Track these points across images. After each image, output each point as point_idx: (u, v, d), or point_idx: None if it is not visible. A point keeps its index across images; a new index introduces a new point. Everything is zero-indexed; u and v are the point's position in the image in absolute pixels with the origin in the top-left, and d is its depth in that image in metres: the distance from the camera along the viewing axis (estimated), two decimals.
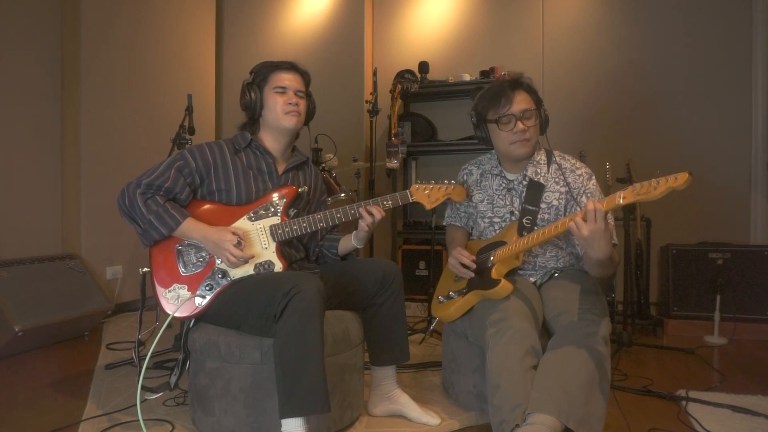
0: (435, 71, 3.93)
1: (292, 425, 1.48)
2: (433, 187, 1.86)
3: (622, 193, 1.42)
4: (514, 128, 1.82)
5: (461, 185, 1.90)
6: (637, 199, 1.39)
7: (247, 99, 1.86)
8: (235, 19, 4.48)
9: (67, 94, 3.31)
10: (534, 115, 1.84)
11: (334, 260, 2.01)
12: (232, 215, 1.79)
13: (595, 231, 1.48)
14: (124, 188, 1.73)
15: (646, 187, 1.36)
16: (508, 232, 1.87)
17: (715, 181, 3.37)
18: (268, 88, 1.86)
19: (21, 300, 2.62)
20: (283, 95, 1.85)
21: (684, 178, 1.30)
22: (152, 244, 1.75)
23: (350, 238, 1.93)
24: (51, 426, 1.80)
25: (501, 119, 1.83)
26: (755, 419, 1.85)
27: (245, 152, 1.87)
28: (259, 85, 1.87)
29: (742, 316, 2.92)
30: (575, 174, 1.89)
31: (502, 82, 1.88)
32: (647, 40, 3.54)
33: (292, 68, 1.90)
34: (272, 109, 1.85)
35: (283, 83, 1.85)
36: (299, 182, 1.95)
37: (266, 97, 1.86)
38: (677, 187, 1.31)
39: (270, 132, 1.90)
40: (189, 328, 1.79)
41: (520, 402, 1.45)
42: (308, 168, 2.03)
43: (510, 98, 1.82)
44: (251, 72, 1.91)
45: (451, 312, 1.92)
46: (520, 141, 1.83)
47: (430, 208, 1.87)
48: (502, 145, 1.89)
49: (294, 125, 1.86)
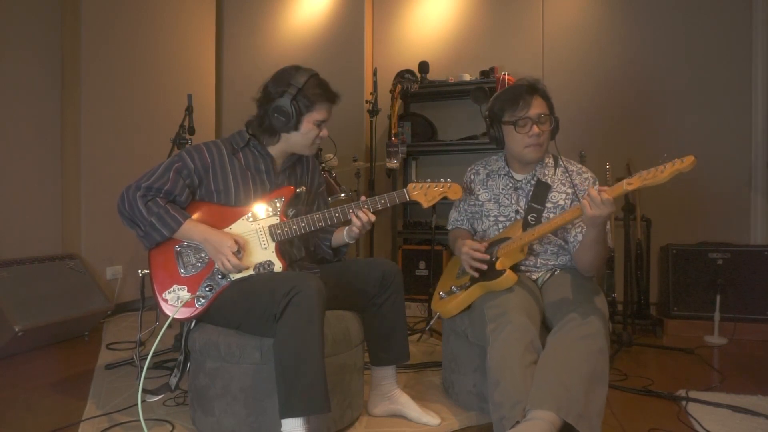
0: (435, 71, 3.93)
1: (292, 425, 1.48)
2: (429, 185, 1.85)
3: (628, 179, 1.47)
4: (529, 131, 1.85)
5: (458, 183, 1.89)
6: (644, 184, 1.44)
7: (288, 116, 1.74)
8: (235, 19, 4.48)
9: (67, 94, 3.31)
10: (549, 121, 1.89)
11: (326, 252, 2.02)
12: (232, 216, 1.79)
13: (602, 212, 1.53)
14: (124, 192, 1.73)
15: (653, 173, 1.41)
16: (513, 229, 1.89)
17: (715, 181, 3.38)
18: (310, 116, 1.77)
19: (21, 300, 2.61)
20: (319, 128, 1.81)
21: (690, 161, 1.35)
22: (154, 246, 1.75)
23: (343, 231, 1.93)
24: (51, 426, 1.80)
25: (518, 122, 1.87)
26: (755, 419, 1.85)
27: (243, 152, 1.85)
28: (301, 103, 1.75)
29: (742, 316, 2.92)
30: (582, 177, 1.95)
31: (521, 86, 1.91)
32: (647, 40, 3.54)
33: (335, 102, 1.84)
34: (304, 136, 1.80)
35: (325, 117, 1.80)
36: (297, 178, 1.95)
37: (304, 122, 1.77)
38: (683, 170, 1.36)
39: (286, 147, 1.86)
40: (189, 330, 1.79)
41: (520, 399, 1.46)
42: (306, 160, 2.00)
43: (528, 102, 1.86)
44: (294, 82, 1.74)
45: (452, 307, 1.92)
46: (534, 145, 1.87)
47: (427, 206, 1.86)
48: (516, 148, 1.91)
49: (312, 154, 1.92)
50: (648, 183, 1.42)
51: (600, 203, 1.52)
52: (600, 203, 1.52)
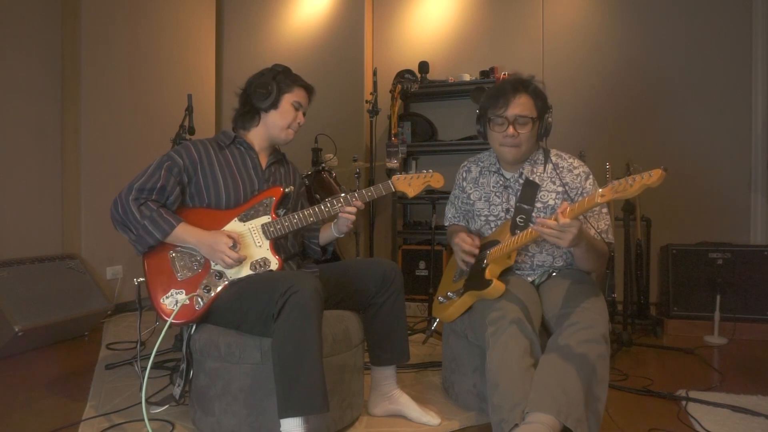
0: (435, 71, 3.93)
1: (291, 425, 1.48)
2: (413, 176, 1.91)
3: (601, 190, 1.43)
4: (504, 131, 1.82)
5: (440, 173, 1.93)
6: (615, 197, 1.41)
7: (269, 90, 1.85)
8: (235, 19, 4.48)
9: (67, 94, 3.31)
10: (529, 123, 1.82)
11: (316, 252, 2.05)
12: (224, 218, 1.80)
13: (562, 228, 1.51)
14: (116, 198, 1.74)
15: (624, 185, 1.37)
16: (502, 231, 1.86)
17: (715, 181, 3.38)
18: (288, 95, 1.88)
19: (21, 300, 2.61)
20: (297, 112, 1.90)
21: (658, 175, 1.31)
22: (146, 251, 1.75)
23: (329, 227, 1.96)
24: (51, 426, 1.80)
25: (494, 119, 1.84)
26: (755, 419, 1.85)
27: (229, 149, 1.89)
28: (281, 83, 1.88)
29: (742, 316, 2.92)
30: (573, 174, 1.88)
31: (508, 81, 1.86)
32: (647, 40, 3.54)
33: (310, 92, 1.96)
34: (282, 117, 1.88)
35: (301, 100, 1.91)
36: (281, 176, 1.98)
37: (283, 101, 1.88)
38: (651, 184, 1.32)
39: (265, 131, 1.92)
40: (191, 336, 1.77)
41: (519, 401, 1.45)
42: (286, 164, 2.06)
43: (508, 100, 1.81)
44: (274, 69, 1.91)
45: (449, 312, 1.93)
46: (509, 146, 1.84)
47: (413, 195, 1.92)
48: (494, 145, 1.91)
49: (288, 141, 1.94)
50: (619, 195, 1.39)
51: (560, 230, 1.51)
52: (560, 230, 1.51)
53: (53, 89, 3.28)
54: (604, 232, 1.85)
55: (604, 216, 1.87)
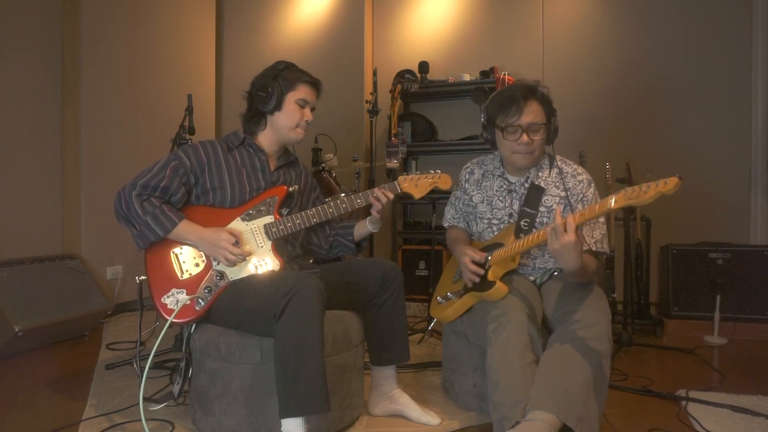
0: (435, 71, 3.93)
1: (292, 425, 1.47)
2: (419, 177, 1.88)
3: (614, 196, 1.40)
4: (518, 139, 1.80)
5: (448, 174, 1.90)
6: (629, 203, 1.37)
7: (270, 92, 1.81)
8: (235, 19, 4.48)
9: (67, 94, 3.31)
10: (541, 129, 1.81)
11: (349, 248, 2.03)
12: (226, 217, 1.79)
13: (565, 244, 1.49)
14: (120, 191, 1.73)
15: (638, 192, 1.34)
16: (506, 235, 1.86)
17: (715, 181, 3.38)
18: (291, 94, 1.84)
19: (21, 300, 2.61)
20: (303, 109, 1.86)
21: (673, 183, 1.27)
22: (147, 247, 1.74)
23: (365, 223, 1.95)
24: (51, 426, 1.80)
25: (507, 128, 1.81)
26: (755, 419, 1.85)
27: (238, 150, 1.88)
28: (282, 84, 1.83)
29: (742, 316, 2.92)
30: (576, 180, 1.87)
31: (516, 89, 1.83)
32: (647, 40, 3.54)
33: (317, 86, 1.90)
34: (288, 118, 1.85)
35: (307, 97, 1.86)
36: (291, 179, 1.96)
37: (286, 102, 1.83)
38: (666, 192, 1.29)
39: (273, 134, 1.89)
40: (190, 335, 1.77)
41: (520, 398, 1.46)
42: (298, 167, 2.04)
43: (521, 108, 1.78)
44: (276, 68, 1.86)
45: (449, 313, 1.93)
46: (523, 153, 1.82)
47: (419, 197, 1.88)
48: (506, 152, 1.88)
49: (299, 140, 1.90)
50: (632, 202, 1.36)
51: (563, 233, 1.48)
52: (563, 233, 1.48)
53: (53, 89, 3.28)
54: (599, 241, 1.83)
55: (599, 225, 1.84)
